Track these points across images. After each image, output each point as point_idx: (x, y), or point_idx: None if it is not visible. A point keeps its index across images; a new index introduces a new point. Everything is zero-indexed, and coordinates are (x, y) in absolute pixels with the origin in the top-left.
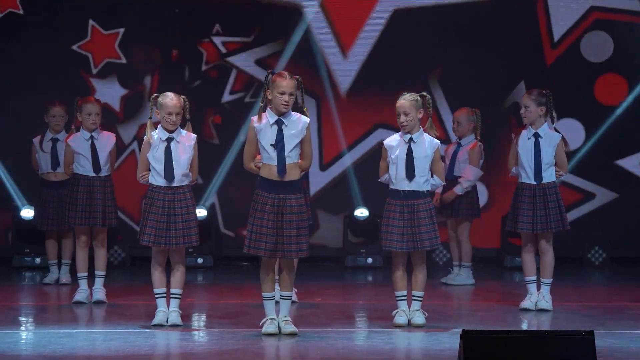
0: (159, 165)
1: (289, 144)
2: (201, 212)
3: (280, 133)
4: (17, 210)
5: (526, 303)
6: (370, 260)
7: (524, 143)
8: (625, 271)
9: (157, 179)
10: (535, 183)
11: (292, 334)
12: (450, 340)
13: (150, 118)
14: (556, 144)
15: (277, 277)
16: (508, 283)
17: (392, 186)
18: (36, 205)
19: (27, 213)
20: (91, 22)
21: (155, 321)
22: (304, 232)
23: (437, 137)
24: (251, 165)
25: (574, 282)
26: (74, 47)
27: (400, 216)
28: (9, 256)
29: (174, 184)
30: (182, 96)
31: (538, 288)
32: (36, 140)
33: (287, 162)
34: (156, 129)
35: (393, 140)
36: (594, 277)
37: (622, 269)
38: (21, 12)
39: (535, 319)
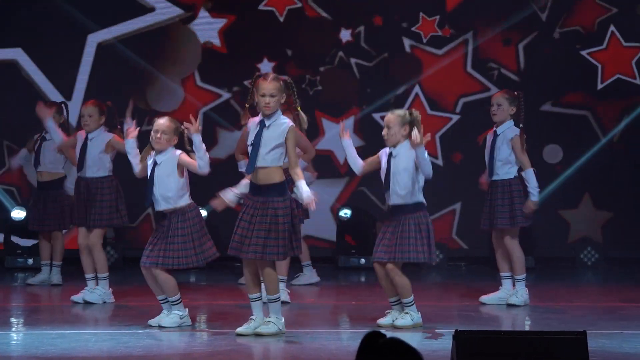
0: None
1: (266, 146)
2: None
3: (259, 134)
4: (8, 211)
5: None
6: (363, 260)
7: (488, 141)
8: (618, 271)
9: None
10: (491, 180)
11: (260, 334)
12: (443, 341)
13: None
14: (509, 140)
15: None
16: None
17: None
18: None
19: (18, 214)
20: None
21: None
22: (278, 236)
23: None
24: (240, 157)
25: (566, 282)
26: None
27: (385, 228)
28: (1, 257)
29: (158, 209)
30: (176, 120)
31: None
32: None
33: (261, 165)
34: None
35: (382, 154)
36: (587, 278)
37: (615, 269)
38: None
39: (528, 319)
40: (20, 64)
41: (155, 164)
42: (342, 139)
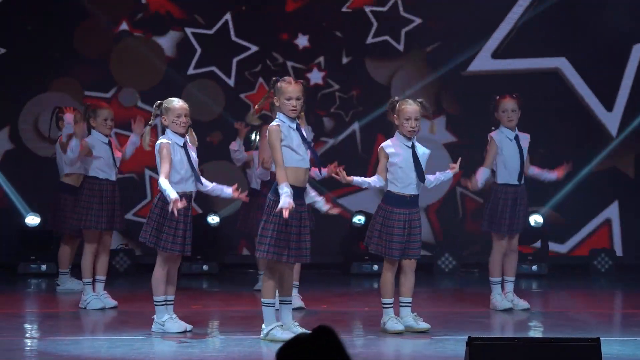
0: (184, 171)
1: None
2: (214, 219)
3: (303, 137)
4: (22, 217)
5: (505, 303)
6: (375, 267)
7: (507, 145)
8: (632, 278)
9: (177, 185)
10: (518, 184)
11: (275, 340)
12: (456, 348)
13: (150, 125)
14: (527, 144)
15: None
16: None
17: (395, 190)
18: None
19: (32, 220)
20: None
21: (178, 329)
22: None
23: None
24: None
25: (580, 289)
26: None
27: (402, 224)
28: (14, 263)
29: (192, 190)
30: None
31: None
32: None
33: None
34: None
35: (392, 146)
36: (600, 284)
37: (628, 276)
38: None
39: (541, 326)
40: (563, 71)
41: (185, 145)
42: (351, 182)
